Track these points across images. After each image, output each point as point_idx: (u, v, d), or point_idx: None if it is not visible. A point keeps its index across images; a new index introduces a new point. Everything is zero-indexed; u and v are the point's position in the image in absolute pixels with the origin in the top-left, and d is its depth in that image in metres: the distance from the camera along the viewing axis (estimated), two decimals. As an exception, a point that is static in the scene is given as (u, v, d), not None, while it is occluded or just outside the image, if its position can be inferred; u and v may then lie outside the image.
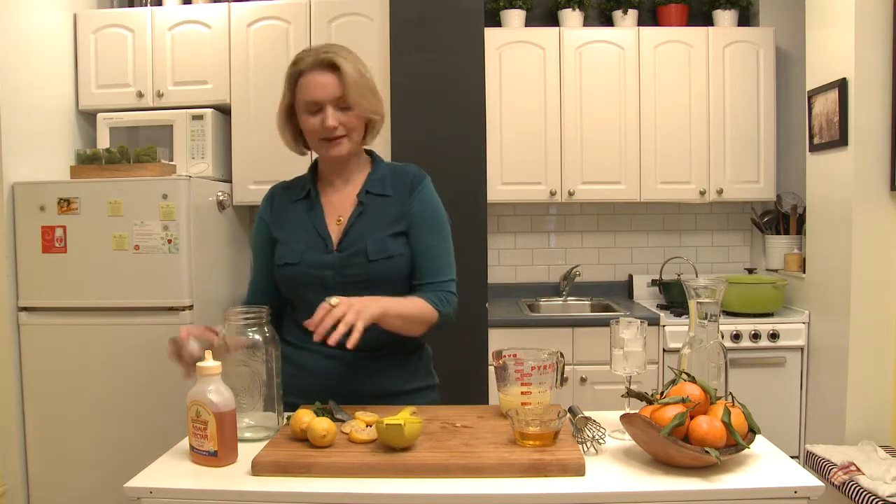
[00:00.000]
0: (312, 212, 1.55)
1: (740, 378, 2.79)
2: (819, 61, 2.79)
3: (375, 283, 1.48)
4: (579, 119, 3.20)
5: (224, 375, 1.25)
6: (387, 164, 1.61)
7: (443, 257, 1.54)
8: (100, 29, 3.07)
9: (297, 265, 1.50)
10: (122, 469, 1.44)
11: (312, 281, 1.50)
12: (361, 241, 1.49)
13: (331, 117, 1.46)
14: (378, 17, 2.98)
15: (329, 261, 1.49)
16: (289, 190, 1.63)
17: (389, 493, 1.10)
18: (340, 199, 1.56)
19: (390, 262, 1.49)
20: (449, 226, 1.58)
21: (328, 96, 1.46)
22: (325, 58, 1.46)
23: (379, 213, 1.52)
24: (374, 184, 1.55)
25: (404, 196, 1.54)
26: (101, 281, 2.66)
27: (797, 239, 3.18)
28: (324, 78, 1.46)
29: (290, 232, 1.55)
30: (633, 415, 1.18)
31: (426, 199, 1.55)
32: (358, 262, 1.48)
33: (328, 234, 1.52)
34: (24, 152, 2.73)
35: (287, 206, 1.59)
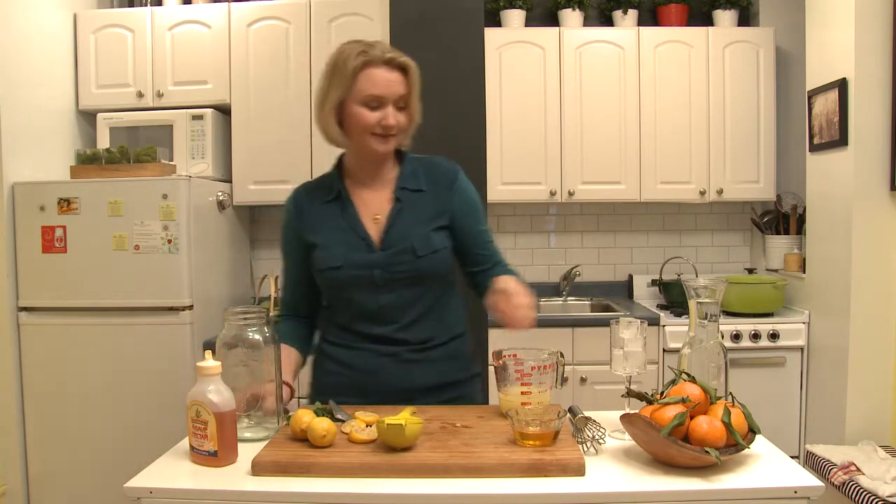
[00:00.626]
0: (346, 212, 1.54)
1: (740, 378, 2.79)
2: (819, 61, 2.79)
3: (422, 278, 1.51)
4: (579, 119, 3.20)
5: (224, 375, 1.25)
6: (415, 158, 1.61)
7: (492, 240, 1.61)
8: (100, 29, 3.08)
9: (340, 268, 1.50)
10: (122, 469, 1.44)
11: (359, 282, 1.50)
12: (405, 238, 1.50)
13: (392, 116, 1.47)
14: (378, 17, 2.98)
15: (375, 260, 1.50)
16: (315, 192, 1.60)
17: (389, 493, 1.10)
18: (373, 197, 1.55)
19: (436, 256, 1.51)
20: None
21: (393, 94, 1.47)
22: (393, 56, 1.47)
23: (418, 208, 1.53)
24: (408, 180, 1.55)
25: (442, 191, 1.55)
26: (101, 281, 2.66)
27: (797, 239, 3.18)
28: (392, 75, 1.46)
29: (326, 235, 1.53)
30: (633, 415, 1.18)
31: (465, 190, 1.58)
32: (406, 259, 1.49)
33: (367, 234, 1.52)
34: (24, 152, 2.73)
35: (316, 209, 1.57)
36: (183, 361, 2.65)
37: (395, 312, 1.51)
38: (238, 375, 1.32)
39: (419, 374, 1.53)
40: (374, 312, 1.51)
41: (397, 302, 1.50)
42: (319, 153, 3.05)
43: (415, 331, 1.50)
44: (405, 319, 1.51)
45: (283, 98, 3.05)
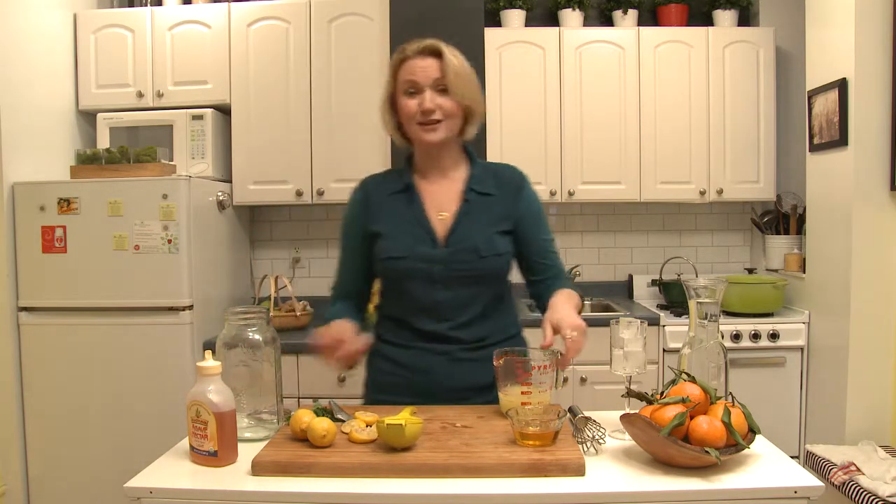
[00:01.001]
0: (412, 205, 1.56)
1: (740, 378, 2.79)
2: (819, 61, 2.79)
3: (482, 278, 1.53)
4: (579, 119, 3.20)
5: (224, 375, 1.25)
6: (485, 163, 1.64)
7: (556, 249, 1.64)
8: (100, 29, 3.08)
9: (404, 259, 1.52)
10: (122, 469, 1.45)
11: (419, 275, 1.51)
12: (470, 238, 1.52)
13: (428, 99, 1.48)
14: (378, 17, 2.98)
15: (437, 255, 1.51)
16: (383, 183, 1.62)
17: (389, 493, 1.10)
18: (440, 194, 1.57)
19: (499, 259, 1.53)
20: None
21: (427, 78, 1.49)
22: (428, 45, 1.50)
23: (485, 211, 1.55)
24: (478, 182, 1.57)
25: (509, 197, 1.57)
26: (101, 281, 2.66)
27: (797, 239, 3.18)
28: (424, 62, 1.49)
29: (392, 226, 1.55)
30: (633, 415, 1.18)
31: (532, 198, 1.61)
32: (468, 259, 1.51)
33: (432, 229, 1.53)
34: (24, 152, 2.73)
35: (384, 199, 1.58)
36: (183, 361, 2.65)
37: (450, 310, 1.52)
38: (238, 375, 1.32)
39: (472, 373, 1.53)
40: (428, 308, 1.52)
41: (453, 300, 1.51)
42: (319, 153, 3.05)
43: (469, 330, 1.51)
44: (460, 318, 1.52)
45: (283, 98, 3.05)
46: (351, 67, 3.02)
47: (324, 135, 3.04)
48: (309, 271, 3.45)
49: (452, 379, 1.53)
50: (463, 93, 1.50)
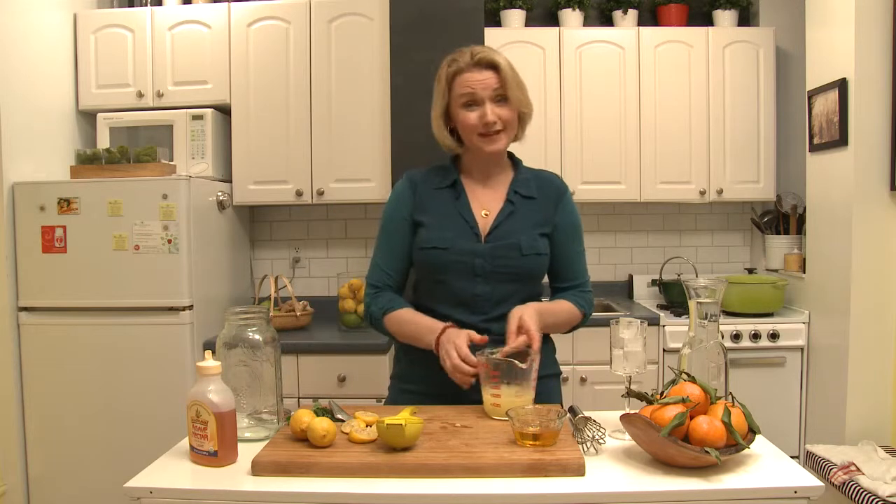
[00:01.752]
0: (458, 201, 1.60)
1: (740, 378, 2.79)
2: (819, 61, 2.79)
3: (522, 276, 1.56)
4: (579, 119, 3.20)
5: (224, 375, 1.25)
6: (529, 169, 1.68)
7: (583, 261, 1.67)
8: (100, 29, 3.07)
9: (446, 250, 1.55)
10: (122, 469, 1.45)
11: (460, 267, 1.55)
12: (513, 235, 1.56)
13: (490, 112, 1.52)
14: (378, 17, 2.98)
15: (479, 249, 1.55)
16: (429, 177, 1.65)
17: (389, 493, 1.10)
18: (485, 194, 1.62)
19: (539, 258, 1.57)
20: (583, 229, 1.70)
21: (487, 91, 1.52)
22: (481, 57, 1.53)
23: (527, 213, 1.59)
24: (522, 185, 1.62)
25: (550, 202, 1.62)
26: (101, 281, 2.66)
27: (797, 239, 3.18)
28: (482, 74, 1.53)
29: (436, 218, 1.59)
30: (633, 415, 1.18)
31: (571, 208, 1.65)
32: (510, 255, 1.54)
33: (476, 224, 1.57)
34: (24, 152, 2.73)
35: (430, 193, 1.62)
36: (183, 361, 2.65)
37: (487, 304, 1.55)
38: (238, 375, 1.32)
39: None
40: (466, 300, 1.55)
41: (492, 294, 1.54)
42: (319, 153, 3.05)
43: (501, 324, 1.51)
44: (495, 312, 1.54)
45: (283, 98, 3.05)
46: (351, 67, 3.02)
47: (324, 135, 3.04)
48: (309, 271, 3.45)
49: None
50: (521, 100, 1.56)
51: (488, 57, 1.52)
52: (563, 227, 1.62)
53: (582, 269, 1.66)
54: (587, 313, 1.64)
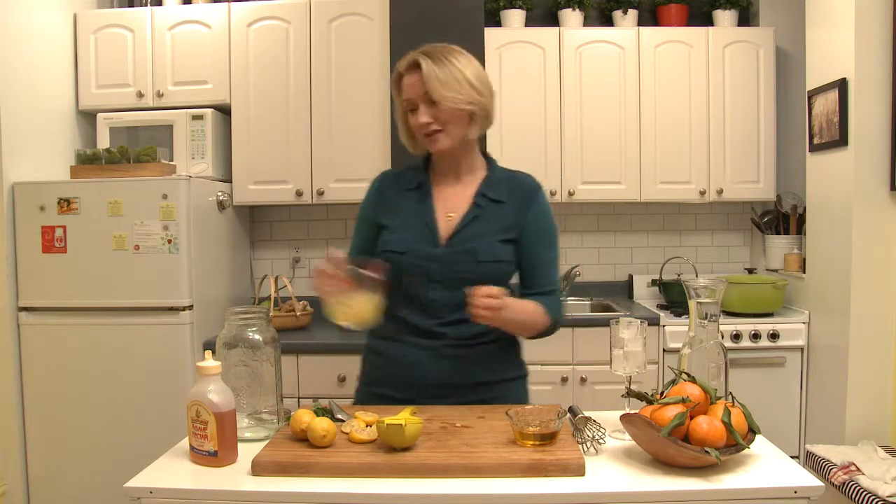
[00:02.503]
0: (423, 204, 1.58)
1: (740, 378, 2.79)
2: (819, 61, 2.79)
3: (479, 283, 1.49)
4: (579, 119, 3.20)
5: (224, 375, 1.25)
6: (503, 170, 1.64)
7: (554, 267, 1.61)
8: (100, 29, 3.07)
9: (403, 254, 1.53)
10: (122, 469, 1.44)
11: (417, 271, 1.53)
12: (472, 241, 1.53)
13: (421, 114, 1.50)
14: (378, 17, 2.98)
15: (436, 254, 1.52)
16: (399, 178, 1.65)
17: (389, 493, 1.10)
18: (452, 196, 1.59)
19: (498, 266, 1.53)
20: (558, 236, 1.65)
21: (415, 94, 1.50)
22: (411, 58, 1.51)
23: (493, 217, 1.55)
24: (491, 188, 1.58)
25: (520, 206, 1.57)
26: (101, 281, 2.66)
27: (797, 239, 3.18)
28: (411, 78, 1.51)
29: (398, 220, 1.58)
30: (633, 415, 1.18)
31: (542, 211, 1.60)
32: (465, 261, 1.51)
33: (436, 228, 1.55)
34: (24, 152, 2.73)
35: (397, 194, 1.62)
36: (183, 361, 2.65)
37: (443, 309, 1.53)
38: (238, 375, 1.32)
39: (460, 370, 1.54)
40: (422, 305, 1.53)
41: (449, 300, 1.51)
42: (319, 153, 3.05)
43: (457, 327, 1.51)
44: (451, 317, 1.53)
45: (283, 98, 3.05)
46: (351, 67, 3.02)
47: (324, 135, 3.04)
48: (309, 271, 3.45)
49: (436, 375, 1.53)
50: (451, 98, 1.48)
51: (413, 58, 1.50)
52: (531, 232, 1.57)
53: (551, 277, 1.60)
54: (556, 320, 1.58)
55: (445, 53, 1.51)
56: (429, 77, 1.47)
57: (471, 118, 1.54)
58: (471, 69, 1.52)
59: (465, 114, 1.51)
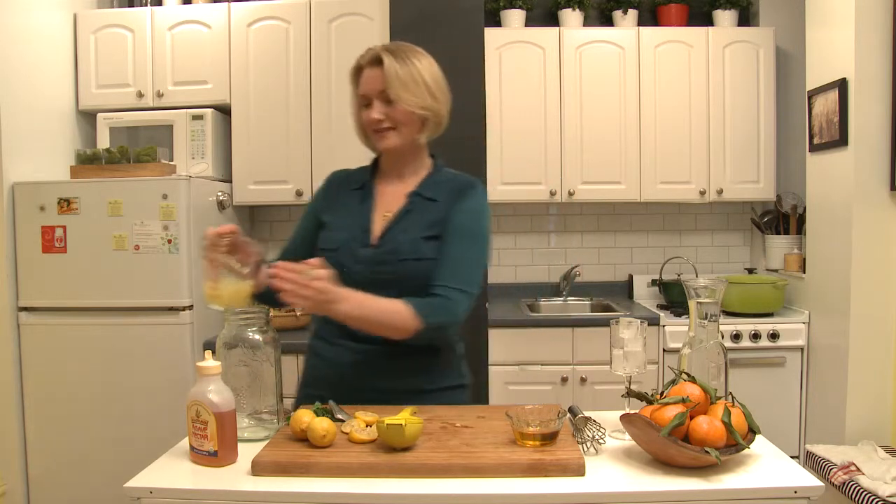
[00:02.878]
0: (363, 204, 1.58)
1: (740, 378, 2.79)
2: (819, 61, 2.79)
3: (402, 282, 1.48)
4: (579, 119, 3.20)
5: (224, 375, 1.25)
6: (446, 172, 1.61)
7: (460, 265, 1.48)
8: (100, 29, 3.08)
9: (334, 251, 1.52)
10: (122, 469, 1.44)
11: (344, 271, 1.49)
12: (397, 238, 1.51)
13: (375, 110, 1.49)
14: (378, 17, 2.98)
15: (364, 255, 1.50)
16: (347, 178, 1.65)
17: (389, 493, 1.10)
18: (392, 196, 1.58)
19: (420, 264, 1.48)
20: (486, 242, 1.55)
21: (373, 90, 1.49)
22: (374, 53, 1.50)
23: (422, 215, 1.53)
24: (427, 187, 1.56)
25: (450, 202, 1.53)
26: (101, 281, 2.66)
27: (797, 239, 3.18)
28: (371, 72, 1.50)
29: (337, 219, 1.57)
30: (633, 415, 1.18)
31: (468, 208, 1.53)
32: (389, 260, 1.49)
33: (370, 228, 1.53)
34: (24, 152, 2.73)
35: (343, 193, 1.62)
36: (183, 361, 2.65)
37: None
38: (238, 375, 1.32)
39: (393, 377, 1.51)
40: None
41: None
42: (319, 153, 3.05)
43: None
44: None
45: (283, 98, 3.05)
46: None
47: (324, 135, 3.04)
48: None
49: (368, 380, 1.50)
50: (408, 100, 1.47)
51: (377, 54, 1.48)
52: (450, 226, 1.50)
53: (449, 274, 1.46)
54: (427, 322, 1.40)
55: (409, 53, 1.50)
56: (389, 75, 1.46)
57: (423, 123, 1.53)
58: (430, 73, 1.51)
59: (417, 117, 1.51)
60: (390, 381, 1.50)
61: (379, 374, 1.50)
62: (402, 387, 1.51)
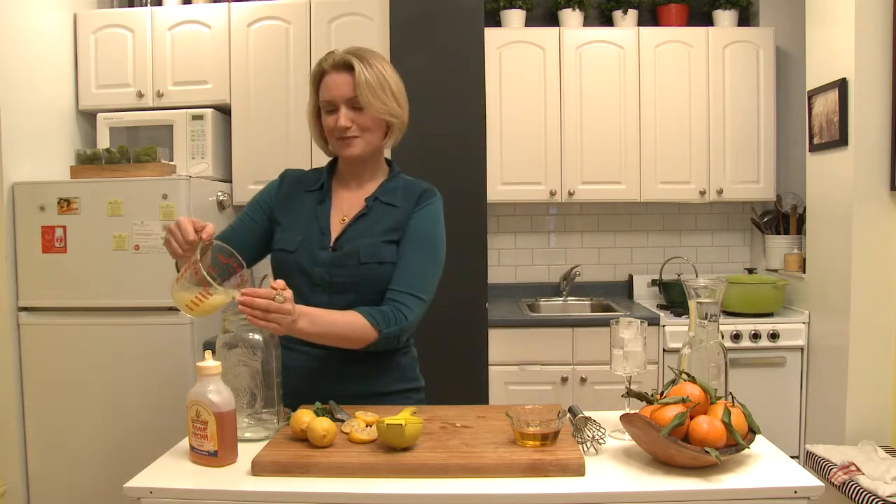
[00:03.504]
0: (321, 206, 1.56)
1: (740, 378, 2.79)
2: (819, 61, 2.79)
3: (360, 285, 1.49)
4: (579, 119, 3.20)
5: (224, 375, 1.25)
6: (403, 178, 1.61)
7: (417, 272, 1.50)
8: (100, 29, 3.07)
9: (292, 253, 1.51)
10: (122, 469, 1.45)
11: (302, 273, 1.50)
12: (355, 241, 1.50)
13: (343, 117, 1.48)
14: (378, 17, 2.98)
15: (322, 258, 1.50)
16: (302, 179, 1.63)
17: (389, 493, 1.10)
18: (350, 201, 1.57)
19: (381, 267, 1.49)
20: (442, 250, 1.56)
21: (341, 96, 1.48)
22: (342, 58, 1.48)
23: (380, 220, 1.53)
24: (385, 192, 1.56)
25: (408, 209, 1.54)
26: (101, 281, 2.66)
27: (797, 239, 3.18)
28: (339, 78, 1.48)
29: (293, 219, 1.56)
30: (633, 415, 1.18)
31: (427, 215, 1.54)
32: (349, 264, 1.49)
33: (328, 231, 1.53)
34: (24, 152, 2.73)
35: (296, 194, 1.60)
36: (183, 361, 2.65)
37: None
38: (238, 375, 1.32)
39: (351, 381, 1.51)
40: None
41: (329, 305, 1.45)
42: (319, 153, 3.01)
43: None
44: None
45: (283, 98, 3.05)
46: (351, 67, 3.01)
47: (324, 135, 3.04)
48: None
49: (322, 384, 1.49)
50: (378, 108, 1.47)
51: (345, 59, 1.47)
52: (409, 232, 1.51)
53: (406, 281, 1.48)
54: (383, 332, 1.43)
55: (375, 59, 1.49)
56: (360, 82, 1.45)
57: (387, 129, 1.54)
58: (394, 80, 1.52)
59: (383, 123, 1.51)
60: (345, 385, 1.51)
61: (335, 379, 1.50)
62: (357, 391, 1.51)
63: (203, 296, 1.29)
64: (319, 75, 1.52)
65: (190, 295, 1.30)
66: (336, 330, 1.40)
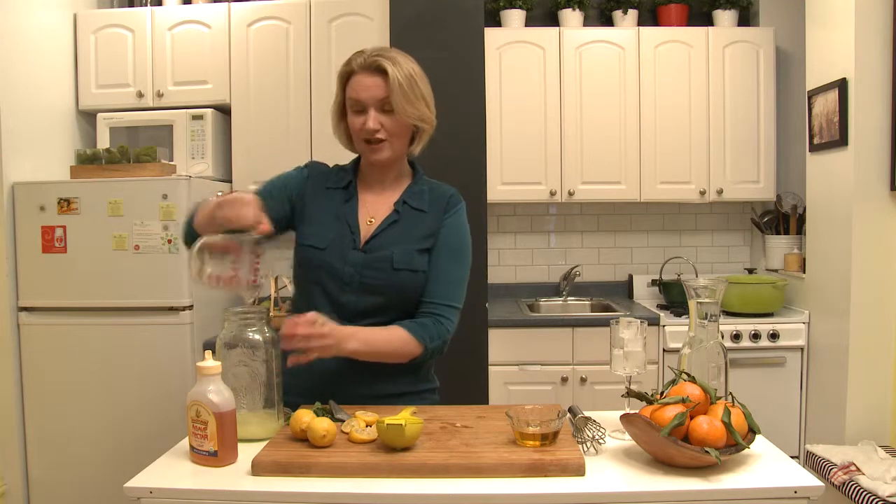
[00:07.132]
0: (347, 204, 1.55)
1: (740, 378, 2.79)
2: (819, 61, 2.79)
3: (391, 291, 1.48)
4: (579, 119, 3.20)
5: (224, 375, 1.25)
6: (427, 180, 1.61)
7: (452, 283, 1.53)
8: (100, 29, 3.08)
9: (323, 251, 1.50)
10: (122, 469, 1.45)
11: (332, 271, 1.49)
12: (388, 247, 1.49)
13: (372, 119, 1.45)
14: (378, 17, 2.98)
15: (354, 258, 1.49)
16: (327, 174, 1.60)
17: (389, 493, 1.10)
18: (375, 202, 1.56)
19: (415, 275, 1.49)
20: (470, 257, 1.58)
21: (372, 98, 1.45)
22: (373, 60, 1.45)
23: (412, 225, 1.52)
24: (413, 196, 1.55)
25: (438, 215, 1.54)
26: (101, 281, 2.66)
27: (797, 239, 3.18)
28: (370, 79, 1.45)
29: (322, 215, 1.53)
30: (633, 415, 1.18)
31: (456, 224, 1.56)
32: (382, 268, 1.48)
33: (358, 231, 1.52)
34: (24, 152, 2.73)
35: (321, 190, 1.57)
36: (183, 361, 2.65)
37: (352, 313, 1.47)
38: (238, 375, 1.32)
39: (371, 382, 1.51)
40: (332, 307, 1.48)
41: (357, 305, 1.47)
42: (319, 153, 3.05)
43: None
44: (360, 322, 1.46)
45: (283, 98, 3.05)
46: (351, 67, 3.02)
47: (324, 135, 3.04)
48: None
49: (350, 385, 1.49)
50: (410, 113, 1.46)
51: (378, 62, 1.44)
52: (440, 242, 1.52)
53: (443, 292, 1.51)
54: (428, 347, 1.47)
55: (406, 62, 1.48)
56: (394, 87, 1.43)
57: (415, 134, 1.53)
58: (424, 83, 1.50)
59: (411, 128, 1.50)
60: (363, 386, 1.50)
61: (363, 379, 1.50)
62: (374, 392, 1.51)
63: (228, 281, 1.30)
64: (347, 75, 1.49)
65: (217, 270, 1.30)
66: (388, 349, 1.45)
